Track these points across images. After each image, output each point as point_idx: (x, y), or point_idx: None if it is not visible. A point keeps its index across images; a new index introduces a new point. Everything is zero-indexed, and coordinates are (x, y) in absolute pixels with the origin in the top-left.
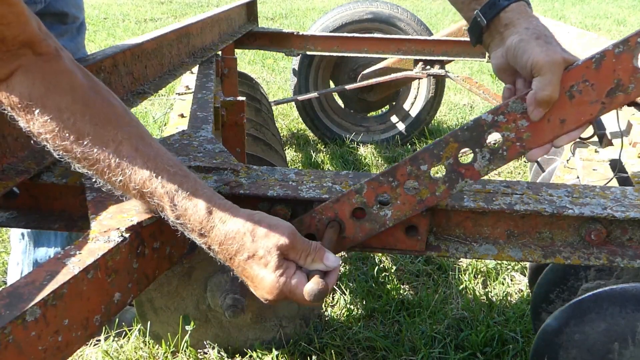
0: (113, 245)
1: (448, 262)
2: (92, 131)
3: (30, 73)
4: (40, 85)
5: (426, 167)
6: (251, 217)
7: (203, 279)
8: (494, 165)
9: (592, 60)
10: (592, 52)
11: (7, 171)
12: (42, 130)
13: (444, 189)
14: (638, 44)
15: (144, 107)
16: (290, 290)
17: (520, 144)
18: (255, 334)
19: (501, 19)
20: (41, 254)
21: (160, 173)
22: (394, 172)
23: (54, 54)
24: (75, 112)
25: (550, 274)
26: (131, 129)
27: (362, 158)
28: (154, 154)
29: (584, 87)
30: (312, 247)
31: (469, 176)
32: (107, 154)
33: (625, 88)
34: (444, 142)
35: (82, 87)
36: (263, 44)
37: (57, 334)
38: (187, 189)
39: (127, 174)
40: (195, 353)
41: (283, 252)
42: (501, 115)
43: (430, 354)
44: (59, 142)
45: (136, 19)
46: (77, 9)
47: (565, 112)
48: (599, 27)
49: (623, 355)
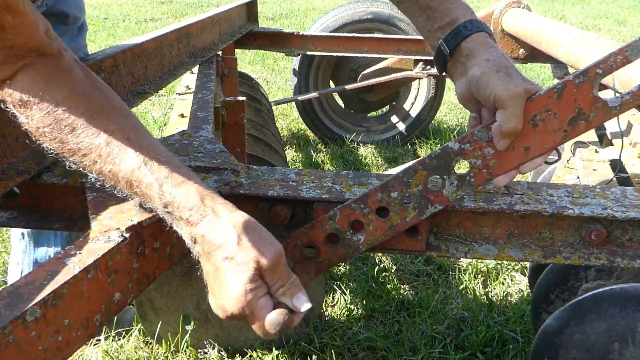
0: (113, 245)
1: (448, 262)
2: (86, 122)
3: (31, 71)
4: (40, 82)
5: (396, 194)
6: (246, 221)
7: (203, 279)
8: (462, 191)
9: (554, 90)
10: (592, 52)
11: (7, 171)
12: (40, 124)
13: (414, 215)
14: (597, 75)
15: (144, 107)
16: (253, 311)
17: (487, 170)
18: (256, 334)
19: (462, 49)
20: (41, 254)
21: (150, 161)
22: (366, 199)
23: (57, 55)
24: (71, 106)
25: (551, 274)
26: (125, 120)
27: (362, 158)
28: (146, 144)
29: (547, 116)
30: (290, 280)
31: (438, 202)
32: (99, 142)
33: (587, 116)
34: (413, 170)
35: (80, 82)
36: (263, 44)
37: (57, 333)
38: (177, 177)
39: (117, 162)
40: (195, 353)
41: (261, 270)
42: (467, 143)
43: (431, 354)
44: (56, 134)
45: (136, 19)
46: (78, 10)
47: (529, 140)
48: (599, 27)
49: (623, 356)
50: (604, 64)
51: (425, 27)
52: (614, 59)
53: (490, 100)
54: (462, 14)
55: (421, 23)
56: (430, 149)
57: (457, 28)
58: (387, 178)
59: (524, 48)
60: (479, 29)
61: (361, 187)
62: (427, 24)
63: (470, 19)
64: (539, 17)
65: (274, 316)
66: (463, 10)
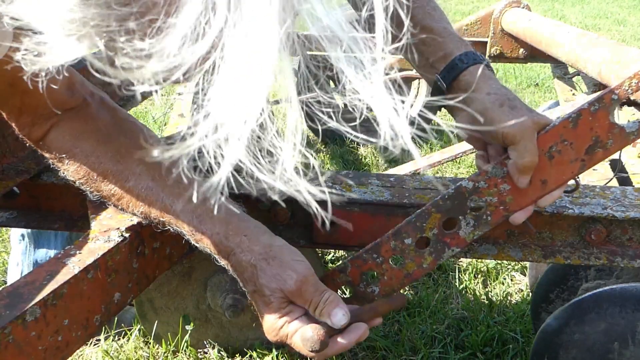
0: (113, 245)
1: (448, 262)
2: (115, 168)
3: (59, 129)
4: (68, 138)
5: (410, 240)
6: (268, 250)
7: (203, 279)
8: (479, 231)
9: (569, 119)
10: (592, 52)
11: (7, 171)
12: (75, 176)
13: (430, 260)
14: (613, 101)
15: (144, 107)
16: (287, 335)
17: (504, 207)
18: (256, 333)
19: (460, 83)
20: (41, 255)
21: (176, 201)
22: (378, 249)
23: (82, 105)
24: (100, 154)
25: (550, 273)
26: None
27: (362, 158)
28: (172, 180)
29: (563, 146)
30: (323, 298)
31: (455, 245)
32: (128, 188)
33: (604, 144)
34: (427, 213)
35: (106, 128)
36: None
37: (57, 333)
38: (202, 213)
39: (147, 206)
40: (195, 353)
41: (289, 297)
42: (482, 181)
43: (431, 354)
44: (91, 184)
45: None
46: None
47: (546, 173)
48: (599, 27)
49: (623, 355)
50: (619, 89)
51: (420, 63)
52: (629, 83)
53: (498, 137)
54: (456, 47)
55: (415, 58)
56: (430, 149)
57: (453, 62)
58: (398, 224)
59: (524, 48)
60: (475, 61)
61: (361, 187)
62: (421, 59)
63: (465, 52)
64: (538, 17)
65: (302, 333)
66: (457, 42)
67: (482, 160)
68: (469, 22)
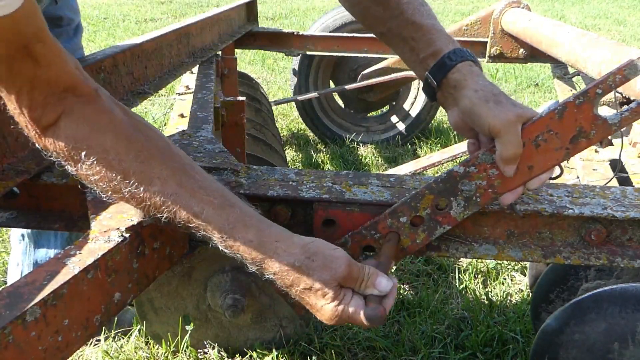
0: (113, 245)
1: (448, 262)
2: (138, 169)
3: (73, 115)
4: (84, 126)
5: (405, 219)
6: (306, 249)
7: (203, 279)
8: (469, 211)
9: (555, 111)
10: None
11: (7, 171)
12: (89, 172)
13: (424, 237)
14: (597, 95)
15: (144, 107)
16: (349, 317)
17: (492, 190)
18: (256, 334)
19: (449, 80)
20: (41, 255)
21: (205, 207)
22: (376, 226)
23: (94, 95)
24: (120, 151)
25: (550, 273)
26: (174, 164)
27: (362, 158)
28: (198, 186)
29: (549, 136)
30: (366, 273)
31: (446, 223)
32: (153, 192)
33: (587, 134)
34: (420, 194)
35: (123, 125)
36: (263, 44)
37: (57, 334)
38: (234, 221)
39: (172, 211)
40: (195, 353)
41: (340, 282)
42: (472, 166)
43: (431, 354)
44: (107, 183)
45: (136, 19)
46: (72, 12)
47: (532, 159)
48: (599, 27)
49: (623, 355)
50: (603, 84)
51: (410, 59)
52: (612, 79)
53: (485, 130)
54: (445, 44)
55: (406, 54)
56: (430, 149)
57: (442, 59)
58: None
59: (524, 48)
60: (463, 58)
61: (361, 187)
62: (411, 55)
63: (453, 49)
64: (538, 17)
65: (368, 313)
66: (446, 40)
67: (473, 147)
68: (469, 22)
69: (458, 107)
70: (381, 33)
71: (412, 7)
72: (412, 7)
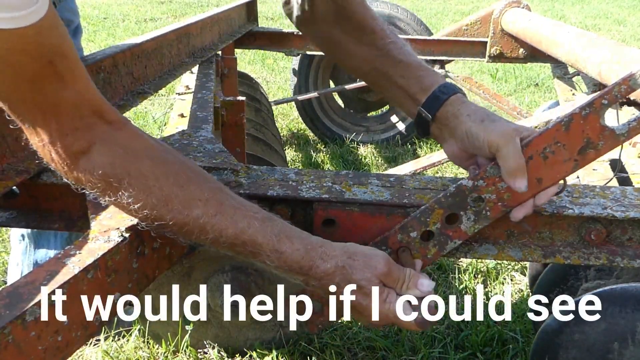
0: (113, 245)
1: (448, 262)
2: (179, 193)
3: (107, 142)
4: (120, 153)
5: (415, 233)
6: (345, 249)
7: (203, 279)
8: (479, 225)
9: (562, 123)
10: (591, 52)
11: (7, 171)
12: (131, 200)
13: (434, 251)
14: (603, 105)
15: (144, 107)
16: (396, 316)
17: (502, 203)
18: (255, 333)
19: (444, 113)
20: (41, 255)
21: (251, 222)
22: (386, 241)
23: (123, 121)
24: (159, 176)
25: (550, 273)
26: (211, 184)
27: (362, 158)
28: (237, 203)
29: (556, 148)
30: (407, 274)
31: (457, 237)
32: (196, 215)
33: (595, 145)
34: (430, 209)
35: (157, 150)
36: (263, 44)
37: (57, 334)
38: (279, 232)
39: (218, 231)
40: (195, 353)
41: (382, 280)
42: (481, 180)
43: (430, 354)
44: (149, 211)
45: (136, 19)
46: (71, 13)
47: (540, 172)
48: (599, 27)
49: (623, 355)
50: (608, 95)
51: (398, 95)
52: (617, 89)
53: (485, 149)
54: (434, 80)
55: (392, 92)
56: (430, 149)
57: (434, 94)
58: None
59: (524, 48)
60: (454, 92)
61: (361, 186)
62: (399, 92)
63: (443, 84)
64: (538, 17)
65: (420, 319)
66: (434, 76)
67: (474, 172)
68: (469, 22)
69: (455, 137)
70: (365, 72)
71: (398, 47)
72: (397, 46)
